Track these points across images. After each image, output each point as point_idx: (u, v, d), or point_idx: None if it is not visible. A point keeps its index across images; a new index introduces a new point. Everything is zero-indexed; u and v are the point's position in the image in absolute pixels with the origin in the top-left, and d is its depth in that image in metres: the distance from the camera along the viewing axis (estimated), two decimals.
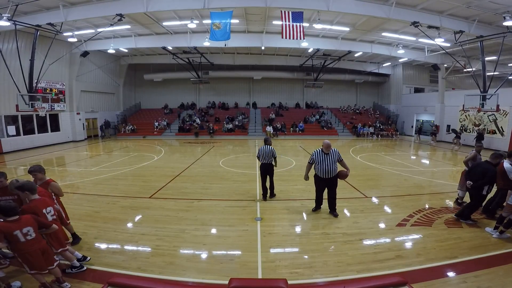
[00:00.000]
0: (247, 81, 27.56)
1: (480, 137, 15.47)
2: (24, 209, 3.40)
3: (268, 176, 6.83)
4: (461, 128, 18.59)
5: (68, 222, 4.54)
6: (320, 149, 5.60)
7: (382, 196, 7.34)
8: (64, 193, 4.70)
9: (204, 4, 11.26)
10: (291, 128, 23.51)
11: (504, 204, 5.11)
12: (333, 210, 5.92)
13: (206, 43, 15.68)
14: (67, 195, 6.89)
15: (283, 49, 20.69)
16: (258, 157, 6.89)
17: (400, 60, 22.19)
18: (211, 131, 22.14)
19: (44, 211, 3.55)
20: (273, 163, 6.88)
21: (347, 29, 15.50)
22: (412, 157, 14.33)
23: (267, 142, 6.86)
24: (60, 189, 4.38)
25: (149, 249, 4.53)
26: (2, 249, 3.47)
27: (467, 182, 5.52)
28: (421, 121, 23.11)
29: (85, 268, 3.89)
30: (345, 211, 6.29)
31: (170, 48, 18.96)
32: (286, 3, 11.45)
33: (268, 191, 7.00)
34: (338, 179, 5.75)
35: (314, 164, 5.70)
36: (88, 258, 4.09)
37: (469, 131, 18.02)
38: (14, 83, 12.66)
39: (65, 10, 12.17)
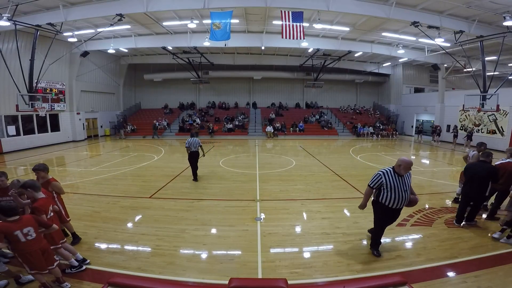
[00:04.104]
0: (247, 81, 27.55)
1: (469, 137, 16.43)
2: (37, 207, 3.46)
3: (196, 162, 8.77)
4: (462, 128, 18.59)
5: (68, 219, 4.55)
6: (390, 169, 4.02)
7: None
8: (65, 193, 4.71)
9: (204, 4, 11.26)
10: (291, 128, 23.51)
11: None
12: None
13: (206, 43, 15.66)
14: (67, 195, 6.87)
15: (283, 49, 20.67)
16: (189, 147, 8.53)
17: (400, 60, 22.19)
18: (211, 131, 22.14)
19: (50, 208, 3.68)
20: (200, 151, 8.82)
21: (347, 29, 15.49)
22: (412, 157, 14.33)
23: (193, 135, 8.86)
24: (61, 188, 4.42)
25: (149, 249, 4.54)
26: (2, 249, 3.48)
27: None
28: (421, 121, 23.12)
29: (84, 267, 3.89)
30: (345, 211, 6.30)
31: (170, 48, 18.96)
32: (286, 3, 11.44)
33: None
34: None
35: (381, 191, 4.06)
36: (88, 261, 4.07)
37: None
38: (14, 83, 12.66)
39: (65, 10, 12.17)
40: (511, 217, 4.73)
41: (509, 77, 15.29)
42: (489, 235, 5.02)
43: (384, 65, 24.36)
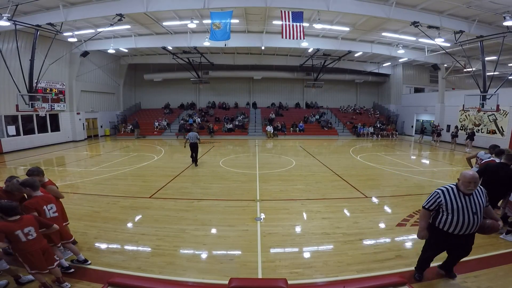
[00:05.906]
0: (247, 81, 27.55)
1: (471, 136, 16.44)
2: (25, 205, 3.43)
3: (195, 152, 11.07)
4: (462, 128, 18.59)
5: (66, 223, 4.48)
6: (453, 186, 3.22)
7: (382, 196, 7.34)
8: (64, 193, 4.70)
9: (204, 4, 11.26)
10: (291, 128, 23.51)
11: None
12: (450, 271, 3.74)
13: (206, 43, 15.67)
14: (67, 195, 6.89)
15: (283, 49, 20.67)
16: (188, 139, 10.91)
17: (400, 60, 22.19)
18: (211, 131, 22.15)
19: (44, 207, 3.57)
20: (198, 142, 11.01)
21: (347, 29, 15.49)
22: (412, 157, 14.34)
23: (193, 130, 11.86)
24: (57, 192, 4.22)
25: (149, 249, 4.54)
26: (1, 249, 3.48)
27: None
28: (421, 121, 23.12)
29: (72, 270, 3.82)
30: (345, 211, 6.30)
31: (170, 48, 18.96)
32: (286, 3, 11.44)
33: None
34: (478, 233, 3.35)
35: (438, 213, 3.28)
36: (89, 262, 4.05)
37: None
38: (14, 83, 12.66)
39: (65, 10, 12.17)
40: (503, 213, 4.75)
41: (509, 77, 15.28)
42: None
43: (384, 65, 24.35)
